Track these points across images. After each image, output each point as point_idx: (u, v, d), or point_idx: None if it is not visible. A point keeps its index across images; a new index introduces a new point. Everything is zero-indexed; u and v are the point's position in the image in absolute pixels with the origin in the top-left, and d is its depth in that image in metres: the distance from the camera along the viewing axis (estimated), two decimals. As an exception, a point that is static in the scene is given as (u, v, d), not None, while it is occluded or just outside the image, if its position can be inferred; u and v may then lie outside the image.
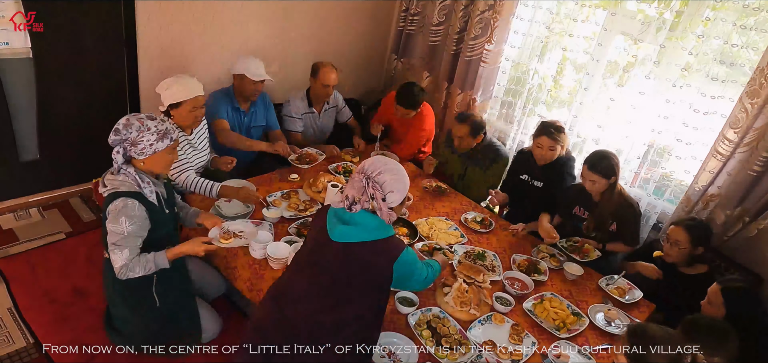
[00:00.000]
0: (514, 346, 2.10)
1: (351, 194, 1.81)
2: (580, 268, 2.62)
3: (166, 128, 2.07)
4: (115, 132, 2.02)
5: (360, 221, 1.79)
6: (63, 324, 2.54)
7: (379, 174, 1.80)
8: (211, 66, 3.55)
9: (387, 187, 1.80)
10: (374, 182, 1.79)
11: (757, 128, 2.68)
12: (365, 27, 4.35)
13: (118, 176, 2.04)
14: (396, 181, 1.82)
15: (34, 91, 3.04)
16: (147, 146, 2.02)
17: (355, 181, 1.82)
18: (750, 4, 2.70)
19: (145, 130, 2.01)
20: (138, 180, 2.05)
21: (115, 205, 2.02)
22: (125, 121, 2.02)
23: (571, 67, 3.61)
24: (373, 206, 1.80)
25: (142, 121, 2.02)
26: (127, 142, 2.02)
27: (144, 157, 2.04)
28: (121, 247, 2.04)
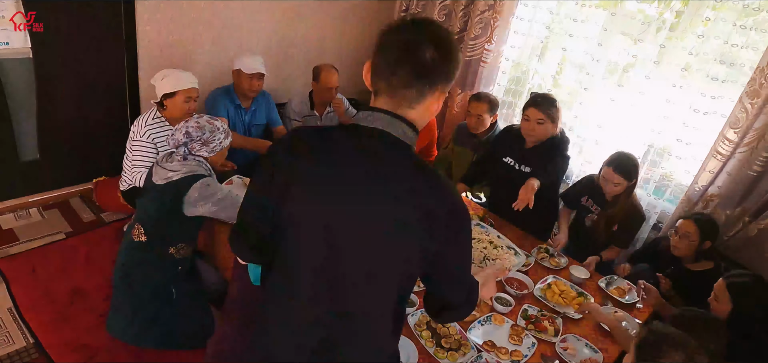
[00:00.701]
0: (514, 346, 2.09)
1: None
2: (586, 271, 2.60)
3: (227, 126, 2.29)
4: (185, 135, 2.15)
5: None
6: (63, 324, 2.54)
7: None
8: (211, 66, 3.55)
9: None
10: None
11: (757, 128, 2.68)
12: (365, 27, 4.35)
13: (190, 161, 2.16)
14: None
15: (34, 91, 3.04)
16: (217, 143, 2.21)
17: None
18: (750, 4, 2.70)
19: (216, 129, 2.21)
20: (210, 168, 2.23)
21: (199, 185, 2.11)
22: (195, 124, 2.17)
23: (571, 67, 3.61)
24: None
25: (210, 122, 2.21)
26: (199, 141, 2.16)
27: (213, 153, 2.22)
28: (235, 204, 2.13)
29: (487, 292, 1.69)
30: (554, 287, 2.46)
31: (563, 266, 2.71)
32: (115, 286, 2.36)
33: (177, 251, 2.23)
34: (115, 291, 2.36)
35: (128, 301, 2.29)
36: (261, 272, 1.46)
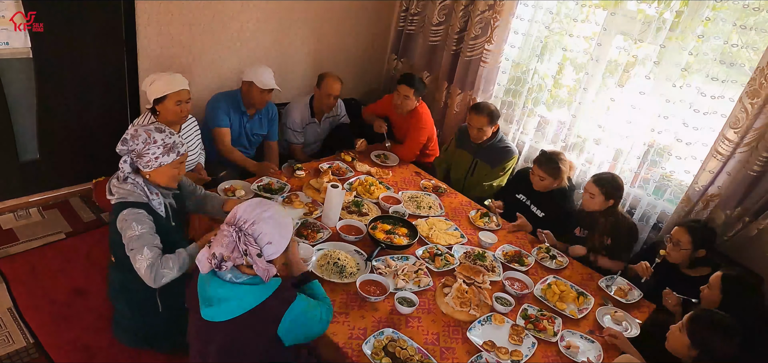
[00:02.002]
0: (514, 346, 2.09)
1: (219, 252, 1.53)
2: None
3: (173, 142, 2.05)
4: (122, 142, 2.00)
5: (222, 295, 1.54)
6: (63, 324, 2.54)
7: (253, 224, 1.53)
8: (211, 66, 3.55)
9: (263, 239, 1.54)
10: (246, 235, 1.52)
11: (757, 128, 2.68)
12: (365, 27, 4.35)
13: (126, 185, 2.02)
14: (274, 229, 1.56)
15: (34, 90, 3.04)
16: (152, 159, 2.00)
17: (224, 234, 1.54)
18: (750, 4, 2.70)
19: (152, 143, 2.00)
20: (146, 191, 2.03)
21: (123, 216, 1.98)
22: (133, 131, 2.01)
23: (571, 67, 3.61)
24: (247, 262, 1.53)
25: (149, 132, 2.01)
26: (134, 153, 2.00)
27: (149, 169, 2.02)
28: (139, 248, 1.96)
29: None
30: (554, 287, 2.46)
31: (564, 266, 2.72)
32: (109, 296, 2.39)
33: None
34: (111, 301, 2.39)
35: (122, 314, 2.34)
36: None
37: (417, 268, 2.43)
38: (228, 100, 3.22)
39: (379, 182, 3.19)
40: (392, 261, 2.45)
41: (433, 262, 2.51)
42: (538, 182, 3.07)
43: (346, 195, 2.93)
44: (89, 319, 2.58)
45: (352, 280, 2.25)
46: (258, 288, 1.56)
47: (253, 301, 1.54)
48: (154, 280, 1.94)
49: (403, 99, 3.52)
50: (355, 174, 3.27)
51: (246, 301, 1.54)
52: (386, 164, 3.51)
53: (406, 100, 3.51)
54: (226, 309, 1.54)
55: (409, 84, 3.49)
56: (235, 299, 1.55)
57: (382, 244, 2.50)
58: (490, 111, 3.32)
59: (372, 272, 2.35)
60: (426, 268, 2.46)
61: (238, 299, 1.54)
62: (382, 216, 2.77)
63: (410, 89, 3.49)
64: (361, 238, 2.60)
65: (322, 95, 3.51)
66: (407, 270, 2.40)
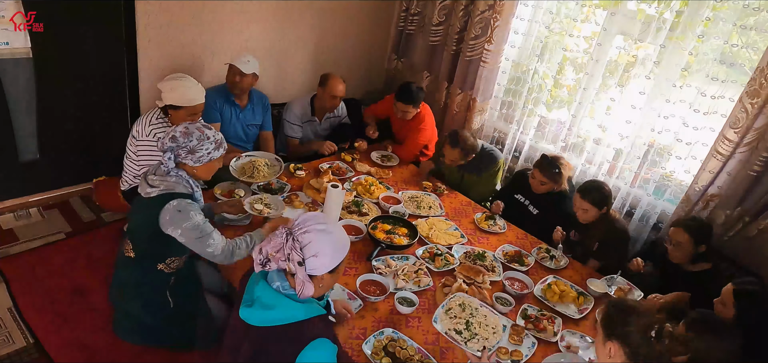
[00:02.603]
0: (514, 346, 2.09)
1: (266, 249, 1.49)
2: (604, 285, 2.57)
3: (221, 138, 2.15)
4: (172, 139, 2.04)
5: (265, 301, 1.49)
6: (63, 324, 2.54)
7: (305, 232, 1.47)
8: (210, 66, 3.55)
9: (310, 249, 1.46)
10: (295, 239, 1.47)
11: (757, 128, 2.68)
12: (365, 27, 4.35)
13: (170, 177, 2.06)
14: (326, 243, 1.48)
15: (34, 91, 3.04)
16: (205, 154, 2.08)
17: (276, 233, 1.51)
18: (750, 4, 2.70)
19: (205, 139, 2.07)
20: (191, 184, 2.11)
21: (174, 206, 2.01)
22: (184, 129, 2.06)
23: (571, 67, 3.61)
24: (289, 268, 1.48)
25: (201, 130, 2.09)
26: (185, 149, 2.05)
27: (200, 164, 2.09)
28: (210, 233, 2.06)
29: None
30: (554, 287, 2.46)
31: (563, 267, 2.72)
32: (111, 295, 2.39)
33: (167, 266, 2.21)
34: (113, 299, 2.39)
35: (125, 311, 2.34)
36: None
37: (417, 268, 2.43)
38: (216, 94, 3.22)
39: (379, 182, 3.19)
40: (392, 261, 2.45)
41: (433, 262, 2.51)
42: (538, 186, 3.06)
43: (346, 195, 2.93)
44: (89, 319, 2.57)
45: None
46: (303, 306, 1.51)
47: (294, 317, 1.48)
48: (231, 257, 2.10)
49: (402, 113, 3.55)
50: (355, 174, 3.28)
51: (285, 314, 1.49)
52: (387, 164, 3.50)
53: (406, 113, 3.55)
54: (264, 316, 1.50)
55: (406, 101, 3.49)
56: (276, 309, 1.49)
57: (382, 244, 2.50)
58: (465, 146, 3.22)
59: (372, 272, 2.35)
60: (426, 268, 2.46)
61: (280, 309, 1.49)
62: (382, 216, 2.77)
63: (408, 105, 3.50)
64: (361, 238, 2.60)
65: (326, 96, 3.52)
66: (407, 270, 2.40)
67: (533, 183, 3.08)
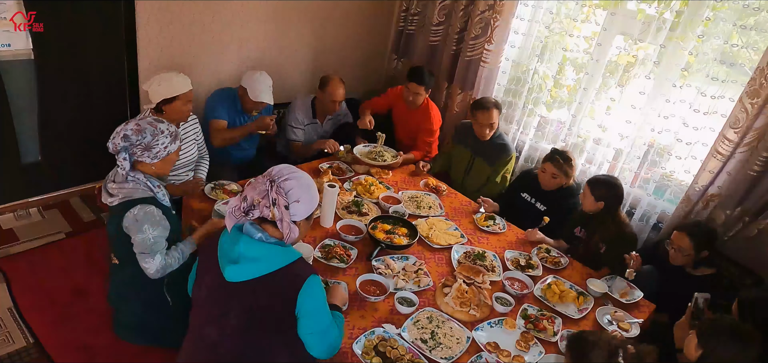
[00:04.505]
0: (519, 351, 2.09)
1: (250, 196, 1.58)
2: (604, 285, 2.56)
3: (175, 129, 2.11)
4: (124, 139, 1.97)
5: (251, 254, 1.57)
6: (63, 324, 2.54)
7: (286, 180, 1.60)
8: (210, 66, 3.55)
9: (293, 195, 1.59)
10: (279, 187, 1.58)
11: (757, 128, 2.68)
12: (365, 27, 4.35)
13: (127, 184, 2.01)
14: (304, 190, 1.62)
15: (36, 92, 3.04)
16: (161, 149, 2.04)
17: (258, 182, 1.61)
18: (750, 4, 2.70)
19: (160, 133, 2.03)
20: (150, 185, 2.05)
21: (133, 214, 1.99)
22: (135, 126, 2.00)
23: (571, 67, 3.61)
24: (272, 215, 1.58)
25: (153, 124, 2.02)
26: (140, 146, 1.99)
27: (157, 160, 2.04)
28: (151, 254, 2.02)
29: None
30: (554, 287, 2.46)
31: (563, 267, 2.72)
32: (110, 298, 2.39)
33: None
34: (112, 303, 2.40)
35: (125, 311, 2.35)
36: None
37: (417, 268, 2.43)
38: (225, 98, 3.24)
39: (379, 182, 3.19)
40: (392, 261, 2.45)
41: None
42: (549, 180, 3.05)
43: (346, 195, 2.93)
44: (89, 319, 2.58)
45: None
46: (286, 251, 1.61)
47: (280, 263, 1.58)
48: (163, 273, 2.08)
49: (414, 96, 3.56)
50: (355, 174, 3.28)
51: (274, 261, 1.58)
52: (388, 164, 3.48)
53: (418, 96, 3.57)
54: (254, 268, 1.57)
55: (419, 81, 3.52)
56: (263, 259, 1.57)
57: (382, 244, 2.50)
58: (496, 102, 3.35)
59: (372, 272, 2.35)
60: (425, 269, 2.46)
61: (267, 259, 1.58)
62: (382, 216, 2.77)
63: (421, 86, 3.53)
64: (361, 238, 2.60)
65: (325, 100, 3.52)
66: (407, 270, 2.40)
67: (544, 177, 3.07)
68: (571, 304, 2.40)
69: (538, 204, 3.16)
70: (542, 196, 3.15)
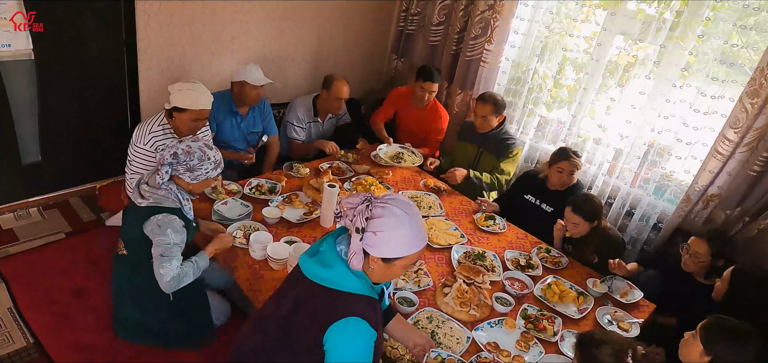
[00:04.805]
0: (519, 351, 2.09)
1: (344, 201, 1.49)
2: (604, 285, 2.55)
3: (220, 158, 2.19)
4: (173, 156, 2.07)
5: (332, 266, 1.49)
6: (63, 324, 2.54)
7: (383, 206, 1.43)
8: (210, 66, 3.55)
9: (375, 224, 1.42)
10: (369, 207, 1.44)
11: (757, 128, 2.68)
12: (365, 27, 4.35)
13: (160, 191, 2.09)
14: (392, 228, 1.42)
15: (36, 93, 3.04)
16: (203, 174, 2.13)
17: (357, 195, 1.49)
18: (750, 4, 2.70)
19: (206, 160, 2.12)
20: (180, 198, 2.13)
21: (158, 219, 2.06)
22: (187, 147, 2.09)
23: (571, 67, 3.61)
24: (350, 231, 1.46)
25: (203, 150, 2.12)
26: (184, 166, 2.08)
27: (196, 181, 2.13)
28: (169, 257, 2.08)
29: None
30: (554, 287, 2.46)
31: (563, 267, 2.72)
32: (113, 295, 2.40)
33: None
34: (113, 299, 2.40)
35: (125, 310, 2.35)
36: None
37: (417, 268, 2.43)
38: (219, 101, 3.19)
39: (379, 182, 3.19)
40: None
41: None
42: (556, 176, 2.99)
43: (346, 195, 2.93)
44: (89, 319, 2.57)
45: None
46: (351, 278, 1.49)
47: (340, 285, 1.47)
48: (177, 285, 2.10)
49: (428, 94, 3.61)
50: (355, 174, 3.28)
51: (337, 279, 1.48)
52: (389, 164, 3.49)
53: (431, 94, 3.62)
54: (317, 271, 1.51)
55: (433, 80, 3.58)
56: (331, 269, 1.49)
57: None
58: (496, 100, 3.34)
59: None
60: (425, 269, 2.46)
61: (333, 272, 1.49)
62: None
63: (434, 84, 3.59)
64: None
65: (331, 99, 3.52)
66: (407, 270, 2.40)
67: (561, 177, 2.98)
68: (571, 304, 2.41)
69: (543, 205, 3.09)
70: (548, 197, 3.07)
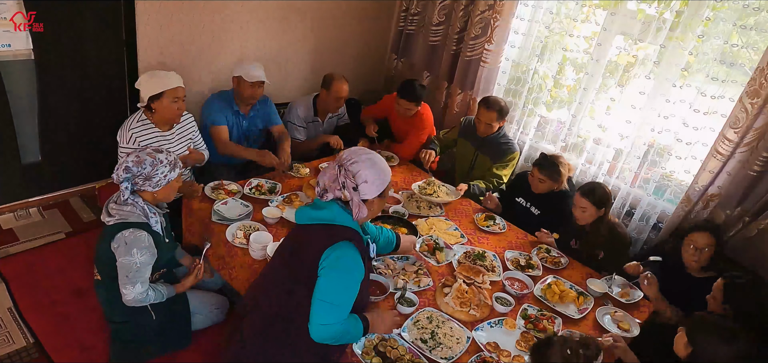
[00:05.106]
0: (519, 351, 2.08)
1: (322, 181, 1.76)
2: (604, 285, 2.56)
3: (175, 158, 2.17)
4: (125, 170, 2.05)
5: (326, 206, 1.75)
6: (63, 324, 2.54)
7: (353, 163, 1.73)
8: (210, 66, 3.55)
9: (361, 177, 1.72)
10: (346, 170, 1.72)
11: (757, 128, 2.68)
12: (365, 27, 4.35)
13: (126, 206, 2.08)
14: (372, 171, 1.74)
15: (36, 92, 3.04)
16: (161, 178, 2.10)
17: (329, 168, 1.76)
18: (750, 4, 2.70)
19: (159, 163, 2.09)
20: (146, 211, 2.10)
21: (124, 236, 2.04)
22: (136, 158, 2.06)
23: (571, 67, 3.61)
24: (345, 196, 1.73)
25: (152, 155, 2.09)
26: (141, 177, 2.06)
27: (158, 188, 2.10)
28: (133, 281, 2.08)
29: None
30: (554, 287, 2.46)
31: (563, 267, 2.72)
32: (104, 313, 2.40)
33: None
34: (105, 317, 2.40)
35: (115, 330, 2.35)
36: None
37: (417, 268, 2.43)
38: (221, 100, 3.22)
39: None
40: (392, 261, 2.45)
41: (434, 255, 2.51)
42: (537, 185, 3.05)
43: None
44: (89, 319, 2.58)
45: None
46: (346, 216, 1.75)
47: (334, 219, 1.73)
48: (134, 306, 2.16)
49: (405, 111, 3.56)
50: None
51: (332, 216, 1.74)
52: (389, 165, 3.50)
53: (408, 111, 3.56)
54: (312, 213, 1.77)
55: (409, 99, 3.50)
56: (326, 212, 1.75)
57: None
58: (501, 107, 3.32)
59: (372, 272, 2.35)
60: (426, 269, 2.46)
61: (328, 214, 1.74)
62: (382, 216, 2.77)
63: (411, 103, 3.51)
64: (361, 238, 2.60)
65: (330, 98, 3.52)
66: (407, 270, 2.40)
67: (532, 181, 3.07)
68: (571, 304, 2.40)
69: (532, 208, 3.15)
70: (535, 199, 3.13)
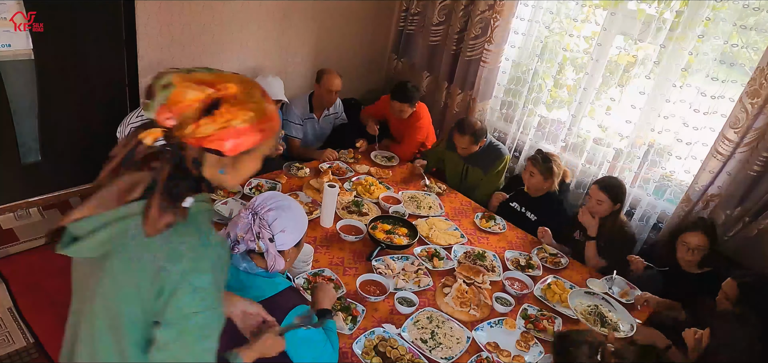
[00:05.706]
0: (519, 351, 2.08)
1: (233, 232, 1.56)
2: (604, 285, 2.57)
3: None
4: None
5: (235, 285, 1.55)
6: (63, 324, 2.52)
7: (269, 210, 1.56)
8: (210, 66, 3.54)
9: (277, 226, 1.55)
10: (262, 219, 1.55)
11: (757, 128, 2.68)
12: (365, 27, 4.35)
13: None
14: (288, 219, 1.57)
15: (36, 92, 3.04)
16: None
17: (241, 217, 1.58)
18: (750, 4, 2.70)
19: None
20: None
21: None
22: None
23: (571, 67, 3.61)
24: (259, 247, 1.55)
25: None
26: None
27: None
28: None
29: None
30: (554, 287, 2.46)
31: (563, 267, 2.72)
32: None
33: None
34: None
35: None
36: None
37: (417, 268, 2.43)
38: None
39: (379, 182, 3.19)
40: (392, 261, 2.45)
41: (431, 261, 2.51)
42: (528, 179, 3.05)
43: (346, 195, 2.93)
44: (89, 319, 2.57)
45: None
46: (272, 281, 1.60)
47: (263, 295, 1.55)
48: None
49: (399, 112, 3.56)
50: (355, 174, 3.28)
51: (258, 293, 1.54)
52: (388, 164, 3.51)
53: (402, 112, 3.56)
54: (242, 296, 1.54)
55: (402, 100, 3.51)
56: (249, 289, 1.54)
57: (382, 244, 2.50)
58: (474, 131, 3.26)
59: (372, 272, 2.35)
60: (425, 268, 2.46)
61: (252, 289, 1.55)
62: (382, 216, 2.77)
63: (404, 104, 3.52)
64: (361, 238, 2.60)
65: (322, 91, 3.54)
66: (407, 270, 2.40)
67: (524, 175, 3.08)
68: None
69: (528, 213, 3.13)
70: (530, 204, 3.12)
